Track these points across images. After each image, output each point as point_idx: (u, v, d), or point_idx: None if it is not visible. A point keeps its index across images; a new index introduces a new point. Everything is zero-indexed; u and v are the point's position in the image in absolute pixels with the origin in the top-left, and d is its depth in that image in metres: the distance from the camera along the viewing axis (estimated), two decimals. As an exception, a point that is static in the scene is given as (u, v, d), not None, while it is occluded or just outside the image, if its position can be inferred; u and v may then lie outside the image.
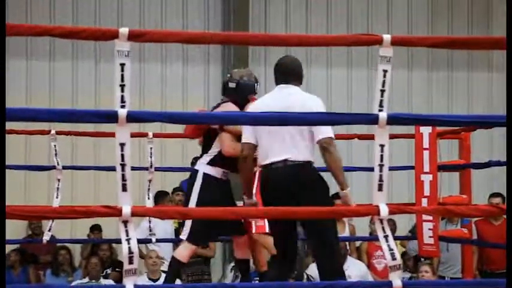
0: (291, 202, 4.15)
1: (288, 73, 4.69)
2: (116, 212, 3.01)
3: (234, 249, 5.50)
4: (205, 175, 5.10)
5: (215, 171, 5.10)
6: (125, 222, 3.03)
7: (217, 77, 9.92)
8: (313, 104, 4.54)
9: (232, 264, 8.82)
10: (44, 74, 9.47)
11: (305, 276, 7.39)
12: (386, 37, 3.19)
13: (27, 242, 8.44)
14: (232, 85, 5.22)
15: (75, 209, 3.08)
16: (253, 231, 5.16)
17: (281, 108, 4.32)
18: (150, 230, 6.63)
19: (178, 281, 7.30)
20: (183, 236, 5.17)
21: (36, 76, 9.44)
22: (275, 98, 4.61)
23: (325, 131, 4.46)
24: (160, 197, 8.54)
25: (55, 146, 6.10)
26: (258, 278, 5.56)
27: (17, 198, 8.86)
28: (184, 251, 5.14)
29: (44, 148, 8.14)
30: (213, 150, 5.14)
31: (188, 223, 5.12)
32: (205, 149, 5.20)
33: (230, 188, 5.22)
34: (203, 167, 5.14)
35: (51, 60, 9.48)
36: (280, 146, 4.49)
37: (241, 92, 5.21)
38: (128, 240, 3.01)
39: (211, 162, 5.13)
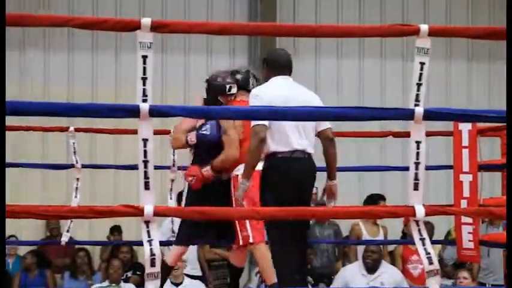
0: (306, 198, 4.19)
1: (289, 66, 4.76)
2: (137, 211, 3.03)
3: (233, 255, 5.40)
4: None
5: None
6: (147, 223, 3.04)
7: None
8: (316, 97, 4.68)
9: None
10: (63, 67, 9.54)
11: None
12: (424, 27, 3.18)
13: (44, 244, 8.51)
14: (206, 84, 5.38)
15: (95, 208, 3.10)
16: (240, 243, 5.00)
17: (303, 101, 4.36)
18: (173, 232, 6.65)
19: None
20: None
21: (54, 69, 9.51)
22: (292, 89, 4.61)
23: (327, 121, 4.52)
24: (180, 196, 8.56)
25: (74, 143, 6.13)
26: None
27: (35, 197, 8.95)
28: (169, 254, 5.27)
29: (62, 146, 8.21)
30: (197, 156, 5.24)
31: (176, 226, 5.33)
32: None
33: (222, 189, 5.15)
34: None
35: (70, 53, 9.55)
36: (299, 135, 4.51)
37: (211, 92, 5.30)
38: (150, 241, 3.02)
39: (195, 162, 5.23)
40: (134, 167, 3.16)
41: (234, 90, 5.26)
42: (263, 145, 4.45)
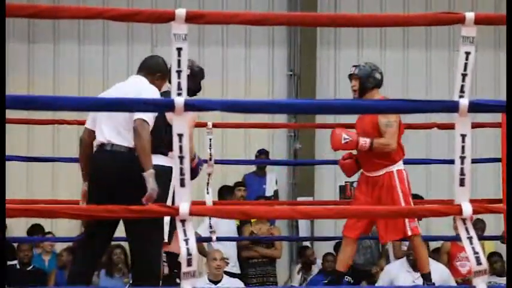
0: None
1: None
2: (173, 211, 3.02)
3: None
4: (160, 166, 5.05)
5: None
6: (183, 222, 3.03)
7: (283, 61, 9.90)
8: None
9: (300, 265, 8.81)
10: (98, 59, 9.59)
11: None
12: (469, 15, 3.12)
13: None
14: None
15: (131, 208, 3.10)
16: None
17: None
18: (211, 227, 6.64)
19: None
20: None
21: (89, 61, 9.57)
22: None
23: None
24: (225, 192, 8.58)
25: None
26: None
27: (70, 192, 9.00)
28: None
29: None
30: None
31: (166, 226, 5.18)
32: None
33: None
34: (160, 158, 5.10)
35: (105, 45, 9.60)
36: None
37: (194, 79, 5.29)
38: (186, 240, 3.01)
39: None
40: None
41: None
42: None
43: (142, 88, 4.66)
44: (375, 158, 5.54)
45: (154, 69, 4.88)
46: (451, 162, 4.04)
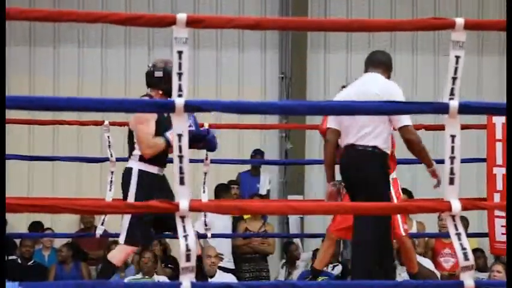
0: None
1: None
2: (173, 207, 3.02)
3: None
4: (140, 172, 5.05)
5: (150, 168, 5.05)
6: (182, 218, 3.03)
7: (275, 63, 9.90)
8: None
9: (284, 260, 8.81)
10: (96, 62, 9.58)
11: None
12: (459, 21, 3.13)
13: (79, 236, 8.56)
14: (158, 74, 5.12)
15: (131, 203, 3.10)
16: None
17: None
18: (206, 225, 6.65)
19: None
20: (120, 238, 5.13)
21: (88, 64, 9.56)
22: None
23: None
24: (221, 190, 8.57)
25: (108, 137, 6.15)
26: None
27: (70, 190, 9.00)
28: (119, 254, 5.15)
29: (97, 139, 8.25)
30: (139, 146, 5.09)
31: (125, 224, 5.09)
32: (132, 146, 5.14)
33: (168, 183, 5.18)
34: (136, 163, 5.08)
35: (103, 47, 9.59)
36: None
37: (170, 78, 5.13)
38: (186, 236, 3.01)
39: (142, 159, 5.05)
40: (170, 161, 3.15)
41: None
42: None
43: (392, 89, 4.76)
44: None
45: (389, 66, 4.97)
46: (437, 162, 4.05)
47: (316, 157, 9.49)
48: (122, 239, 5.13)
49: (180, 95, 3.05)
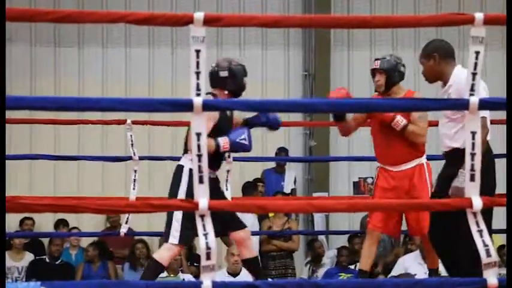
0: None
1: None
2: (192, 206, 3.02)
3: (238, 248, 5.31)
4: (191, 171, 4.93)
5: None
6: (202, 217, 3.03)
7: (298, 61, 9.88)
8: None
9: (309, 258, 8.78)
10: (120, 62, 9.62)
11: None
12: (479, 16, 3.10)
13: (104, 235, 8.60)
14: (224, 74, 5.03)
15: (152, 202, 3.10)
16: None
17: None
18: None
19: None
20: (169, 237, 4.94)
21: (112, 64, 9.60)
22: None
23: None
24: (248, 188, 8.57)
25: (131, 136, 6.16)
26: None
27: (95, 189, 9.05)
28: (166, 253, 5.01)
29: (120, 138, 8.28)
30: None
31: (175, 224, 4.89)
32: (186, 146, 5.07)
33: (219, 185, 5.13)
34: (188, 162, 4.93)
35: (127, 47, 9.62)
36: None
37: (235, 78, 5.05)
38: (206, 235, 3.01)
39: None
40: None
41: None
42: None
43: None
44: (406, 149, 5.17)
45: None
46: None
47: (340, 154, 9.48)
48: (172, 238, 4.94)
49: (198, 94, 3.05)
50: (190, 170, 4.93)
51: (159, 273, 5.19)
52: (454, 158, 4.31)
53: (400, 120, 5.08)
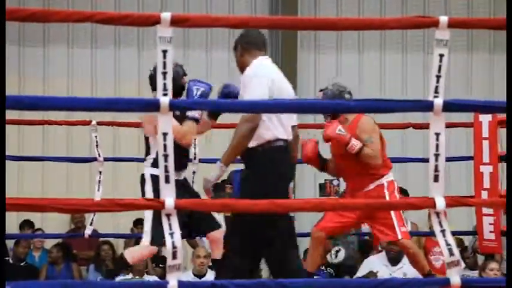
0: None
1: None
2: (158, 205, 3.04)
3: (212, 248, 5.33)
4: (153, 176, 4.91)
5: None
6: (168, 216, 3.05)
7: (265, 63, 9.92)
8: None
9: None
10: (86, 61, 9.59)
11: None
12: (443, 19, 3.15)
13: (68, 237, 8.57)
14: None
15: (117, 202, 3.11)
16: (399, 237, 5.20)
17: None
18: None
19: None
20: (144, 238, 4.95)
21: (78, 63, 9.57)
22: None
23: None
24: (216, 189, 8.55)
25: (96, 137, 6.15)
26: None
27: (59, 190, 9.01)
28: (138, 253, 5.04)
29: (85, 139, 8.25)
30: (153, 151, 5.00)
31: (148, 225, 4.92)
32: (147, 151, 5.10)
33: (187, 185, 5.16)
34: (148, 169, 5.00)
35: (93, 48, 9.59)
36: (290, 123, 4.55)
37: (173, 80, 5.08)
38: (171, 234, 3.03)
39: (154, 164, 4.91)
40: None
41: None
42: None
43: None
44: (363, 173, 5.25)
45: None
46: (426, 160, 4.05)
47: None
48: (146, 239, 4.95)
49: (165, 94, 3.07)
50: (152, 176, 4.96)
51: (121, 270, 5.38)
52: (248, 158, 4.46)
53: (355, 143, 5.13)
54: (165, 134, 3.06)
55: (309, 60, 10.05)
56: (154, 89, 5.03)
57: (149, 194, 4.97)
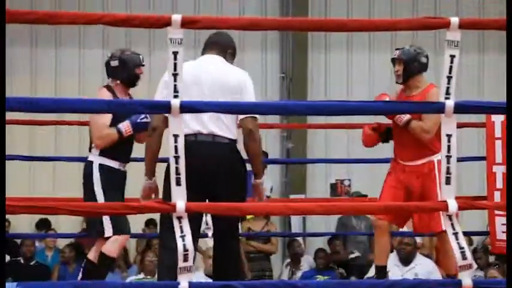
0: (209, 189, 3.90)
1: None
2: (170, 208, 3.03)
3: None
4: (101, 166, 4.89)
5: (109, 162, 4.89)
6: (179, 218, 3.04)
7: (276, 63, 9.90)
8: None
9: (288, 260, 8.80)
10: (97, 62, 9.58)
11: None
12: (454, 20, 3.13)
13: (81, 237, 8.57)
14: (114, 63, 4.99)
15: (129, 204, 3.10)
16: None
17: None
18: (207, 224, 6.62)
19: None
20: (107, 232, 4.90)
21: (88, 64, 9.57)
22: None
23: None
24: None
25: None
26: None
27: (71, 190, 9.00)
28: (113, 245, 4.99)
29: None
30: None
31: (106, 218, 4.82)
32: (91, 144, 5.03)
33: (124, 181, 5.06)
34: (97, 158, 4.91)
35: (104, 48, 9.59)
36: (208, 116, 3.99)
37: (126, 67, 5.00)
38: (183, 237, 3.02)
39: (102, 153, 4.89)
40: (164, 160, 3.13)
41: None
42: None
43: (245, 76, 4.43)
44: (416, 146, 5.00)
45: (226, 47, 4.66)
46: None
47: (317, 156, 9.51)
48: (109, 232, 4.92)
49: (176, 96, 3.05)
50: (100, 165, 4.92)
51: (110, 266, 5.22)
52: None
53: (402, 116, 4.83)
54: (176, 136, 3.04)
55: (320, 60, 10.03)
56: (108, 76, 5.04)
57: (97, 184, 4.87)
